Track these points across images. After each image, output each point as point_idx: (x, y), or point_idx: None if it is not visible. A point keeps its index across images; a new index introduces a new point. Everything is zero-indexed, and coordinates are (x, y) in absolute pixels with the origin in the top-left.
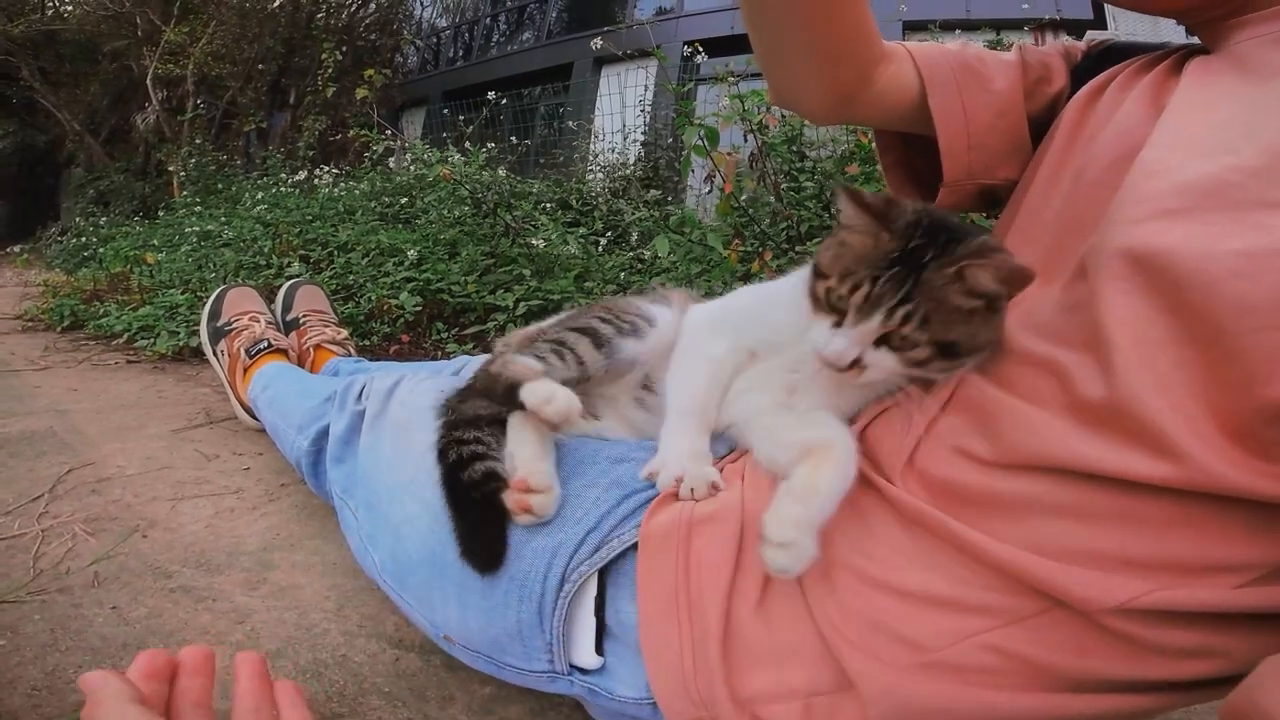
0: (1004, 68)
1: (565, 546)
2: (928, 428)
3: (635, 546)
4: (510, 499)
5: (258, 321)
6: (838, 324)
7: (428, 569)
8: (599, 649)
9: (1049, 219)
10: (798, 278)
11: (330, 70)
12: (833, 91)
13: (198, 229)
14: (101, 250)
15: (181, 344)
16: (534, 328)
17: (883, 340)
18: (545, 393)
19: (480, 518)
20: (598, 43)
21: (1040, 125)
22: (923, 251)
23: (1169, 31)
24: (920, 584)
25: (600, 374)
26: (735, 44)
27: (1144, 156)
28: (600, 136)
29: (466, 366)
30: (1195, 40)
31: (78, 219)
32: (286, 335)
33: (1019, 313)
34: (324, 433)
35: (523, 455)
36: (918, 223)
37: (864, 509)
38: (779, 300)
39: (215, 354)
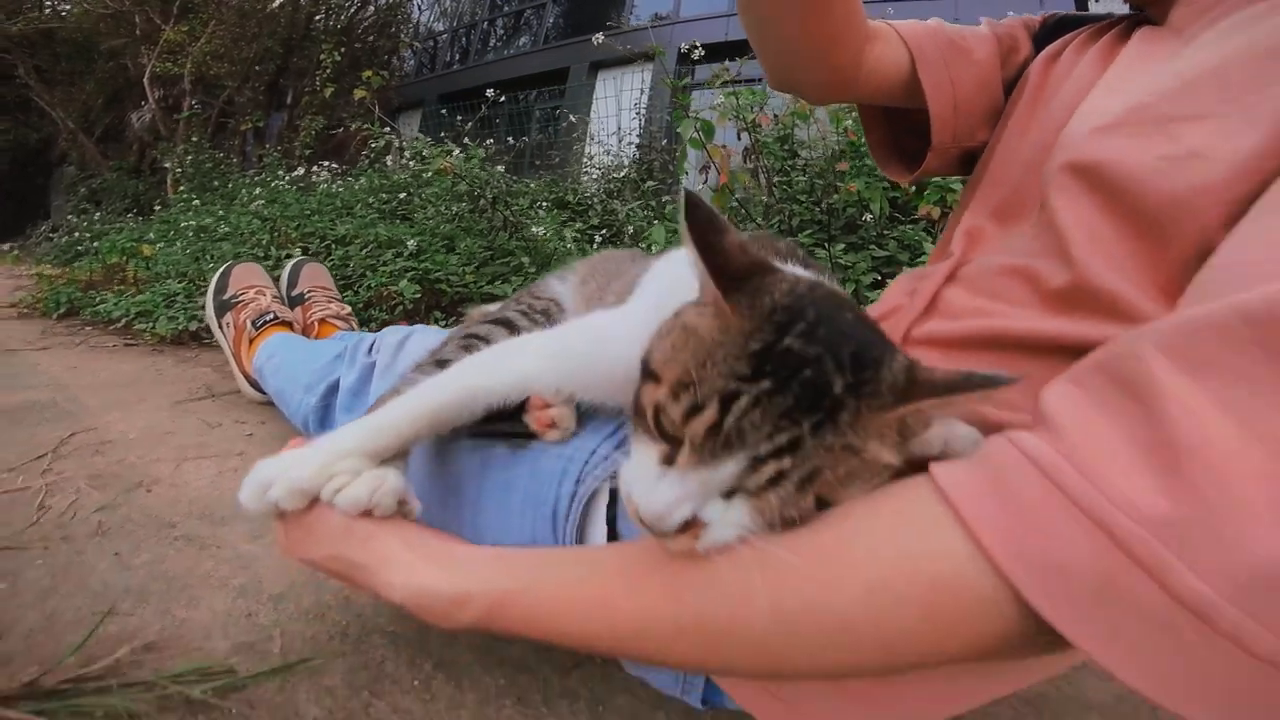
0: (981, 41)
1: (580, 454)
2: (908, 330)
3: None
4: (531, 419)
5: (264, 295)
6: (668, 460)
7: (439, 507)
8: None
9: (1016, 164)
10: (646, 305)
11: (328, 71)
12: (829, 74)
13: (194, 223)
14: (96, 244)
15: (181, 328)
16: (495, 307)
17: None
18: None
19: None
20: (599, 37)
21: (1009, 89)
22: (817, 369)
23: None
24: None
25: None
26: (731, 49)
27: (1083, 106)
28: (595, 139)
29: None
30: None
31: (70, 216)
32: (292, 309)
33: (999, 248)
34: (333, 388)
35: None
36: (796, 309)
37: None
38: (615, 340)
39: (221, 326)
